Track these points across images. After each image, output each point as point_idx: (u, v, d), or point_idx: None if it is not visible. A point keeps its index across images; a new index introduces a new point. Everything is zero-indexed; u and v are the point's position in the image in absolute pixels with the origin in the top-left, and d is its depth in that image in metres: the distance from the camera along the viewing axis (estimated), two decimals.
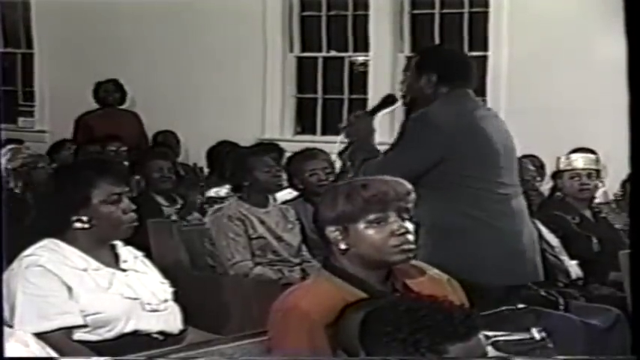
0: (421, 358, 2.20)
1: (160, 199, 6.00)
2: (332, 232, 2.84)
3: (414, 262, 2.93)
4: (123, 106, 9.04)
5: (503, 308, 3.89)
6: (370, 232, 2.82)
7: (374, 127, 4.17)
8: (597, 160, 5.61)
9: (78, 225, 3.28)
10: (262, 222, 5.06)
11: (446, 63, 4.16)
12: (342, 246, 2.83)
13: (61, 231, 3.29)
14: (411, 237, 2.85)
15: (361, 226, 2.82)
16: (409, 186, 2.91)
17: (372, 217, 2.82)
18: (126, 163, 6.71)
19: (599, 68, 7.14)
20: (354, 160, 4.13)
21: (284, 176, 5.51)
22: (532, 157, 6.65)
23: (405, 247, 2.84)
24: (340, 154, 4.27)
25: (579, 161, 5.51)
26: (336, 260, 2.87)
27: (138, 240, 3.52)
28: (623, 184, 5.81)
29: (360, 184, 2.86)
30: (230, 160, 5.51)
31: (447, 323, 2.22)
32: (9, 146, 6.29)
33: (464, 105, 4.09)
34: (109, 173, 3.35)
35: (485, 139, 4.03)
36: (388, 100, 4.28)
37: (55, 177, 3.65)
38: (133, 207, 3.35)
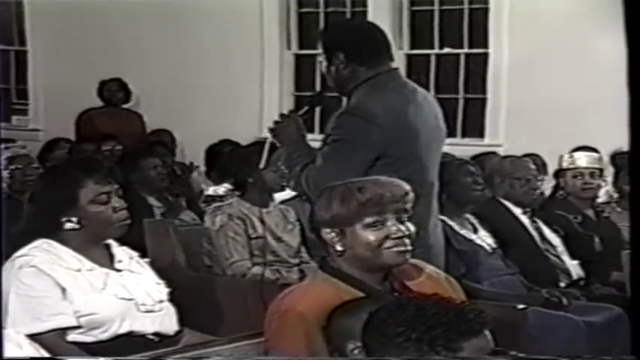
0: (435, 357, 2.20)
1: (152, 200, 5.94)
2: (328, 233, 2.84)
3: (412, 260, 2.92)
4: (127, 106, 8.98)
5: None
6: (367, 234, 2.81)
7: (304, 128, 3.81)
8: (600, 159, 5.60)
9: (68, 226, 3.26)
10: (263, 222, 5.02)
11: (355, 38, 3.77)
12: (339, 248, 2.83)
13: (54, 232, 3.27)
14: (407, 239, 2.83)
15: (358, 228, 2.81)
16: (406, 187, 2.88)
17: (368, 220, 2.81)
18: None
19: (601, 66, 7.10)
20: (292, 166, 3.78)
21: None
22: (533, 156, 6.60)
23: (402, 249, 2.83)
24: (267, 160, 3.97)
25: (583, 160, 5.48)
26: (333, 261, 2.86)
27: (133, 240, 3.51)
28: (615, 181, 5.81)
29: (356, 187, 2.84)
30: (235, 157, 5.48)
31: (460, 320, 2.23)
32: None
33: (394, 93, 3.73)
34: (96, 172, 3.32)
35: (417, 137, 3.70)
36: (315, 99, 3.98)
37: (43, 178, 3.65)
38: (124, 205, 3.33)
